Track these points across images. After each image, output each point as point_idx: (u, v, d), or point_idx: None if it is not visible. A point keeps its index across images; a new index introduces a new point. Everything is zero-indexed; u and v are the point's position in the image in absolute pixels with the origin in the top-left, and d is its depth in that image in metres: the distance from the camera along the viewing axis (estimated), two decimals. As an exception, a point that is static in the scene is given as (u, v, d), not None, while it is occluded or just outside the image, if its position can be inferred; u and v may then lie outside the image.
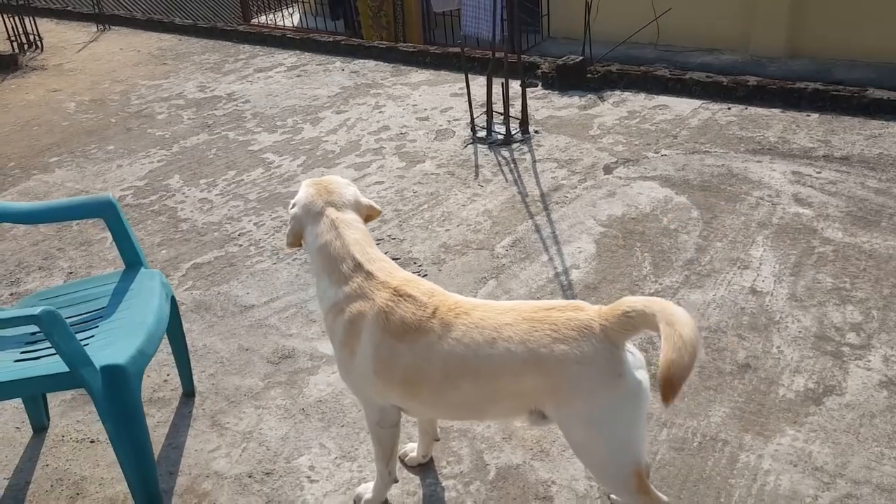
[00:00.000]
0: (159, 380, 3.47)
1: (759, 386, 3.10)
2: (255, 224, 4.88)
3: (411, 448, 2.93)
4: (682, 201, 4.56)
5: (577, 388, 2.09)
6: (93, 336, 2.74)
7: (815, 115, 5.62)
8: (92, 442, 3.14)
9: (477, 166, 5.33)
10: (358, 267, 2.37)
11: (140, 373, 2.61)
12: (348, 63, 8.03)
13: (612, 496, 2.62)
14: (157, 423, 3.21)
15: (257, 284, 4.19)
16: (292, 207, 2.57)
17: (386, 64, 7.89)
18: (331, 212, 2.47)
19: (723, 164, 4.96)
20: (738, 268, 3.88)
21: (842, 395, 3.01)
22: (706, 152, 5.17)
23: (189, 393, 3.37)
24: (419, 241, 4.44)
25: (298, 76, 7.76)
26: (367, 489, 2.73)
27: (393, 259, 4.02)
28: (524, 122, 5.72)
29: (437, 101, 6.70)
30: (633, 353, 2.13)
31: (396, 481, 2.73)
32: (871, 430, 2.83)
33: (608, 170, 5.07)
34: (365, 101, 6.89)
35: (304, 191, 2.57)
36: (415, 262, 4.23)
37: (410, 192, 5.05)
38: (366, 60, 8.04)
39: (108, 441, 2.61)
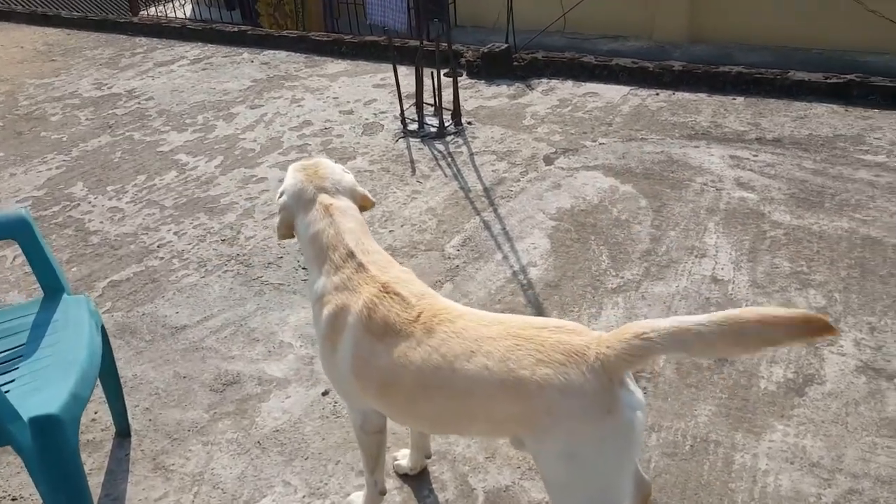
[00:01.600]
0: (86, 419, 3.06)
1: (739, 380, 3.01)
2: (175, 233, 4.45)
3: (403, 455, 2.72)
4: (628, 191, 4.46)
5: (558, 420, 1.83)
6: (14, 381, 2.33)
7: (741, 99, 5.67)
8: (14, 500, 2.72)
9: (412, 161, 5.07)
10: (349, 256, 2.18)
11: (76, 421, 2.24)
12: (257, 54, 7.57)
13: None
14: (90, 470, 2.82)
15: (187, 301, 3.80)
16: (280, 196, 2.35)
17: (298, 54, 7.49)
18: (323, 198, 2.28)
19: (662, 151, 4.91)
20: (696, 256, 3.80)
21: (822, 384, 2.95)
22: (643, 139, 5.11)
23: (123, 432, 2.99)
24: (362, 245, 4.14)
25: (204, 69, 7.25)
26: (357, 498, 2.55)
27: None
28: (457, 113, 5.50)
29: (358, 93, 6.39)
30: (632, 391, 1.86)
31: (384, 493, 2.47)
32: (858, 419, 2.78)
33: (549, 160, 4.93)
34: (281, 95, 6.49)
35: (293, 176, 2.35)
36: (360, 268, 3.94)
37: (344, 192, 4.73)
38: (276, 51, 7.61)
39: (39, 497, 2.23)
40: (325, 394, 3.11)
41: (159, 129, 5.96)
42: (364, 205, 2.43)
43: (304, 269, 3.99)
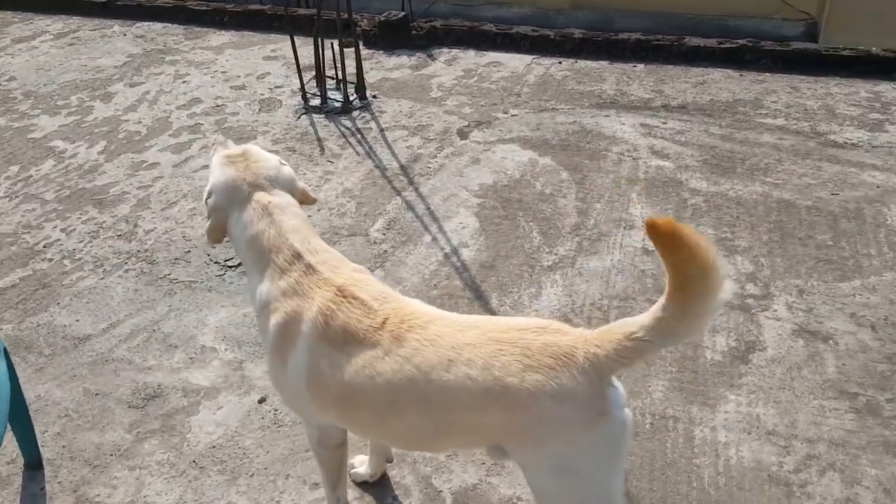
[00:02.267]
0: (-15, 453, 2.68)
1: (685, 352, 3.02)
2: (62, 230, 4.00)
3: (360, 461, 2.54)
4: (548, 163, 4.40)
5: (550, 429, 1.72)
6: None
7: (641, 66, 5.72)
8: None
9: (320, 139, 4.79)
10: (296, 258, 1.97)
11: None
12: (129, 26, 6.95)
13: None
14: (-1, 514, 2.47)
15: (87, 308, 3.42)
16: (208, 196, 2.11)
17: (176, 26, 6.93)
18: (260, 196, 2.07)
19: (574, 121, 4.87)
20: (624, 228, 3.79)
21: (764, 350, 3.01)
22: (555, 109, 5.06)
23: (34, 463, 2.64)
24: (279, 233, 3.87)
25: (71, 44, 6.58)
26: None
27: None
28: (361, 86, 5.24)
29: (249, 66, 5.98)
30: (616, 388, 1.76)
31: None
32: (803, 384, 2.85)
33: (463, 134, 4.79)
34: (162, 70, 5.98)
35: (221, 171, 2.10)
36: (280, 259, 3.67)
37: (250, 176, 4.40)
38: (150, 23, 7.00)
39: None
40: (261, 401, 2.87)
41: (27, 112, 5.35)
42: (304, 200, 2.21)
43: (216, 263, 3.68)
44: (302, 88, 5.19)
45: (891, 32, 5.56)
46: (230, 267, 3.64)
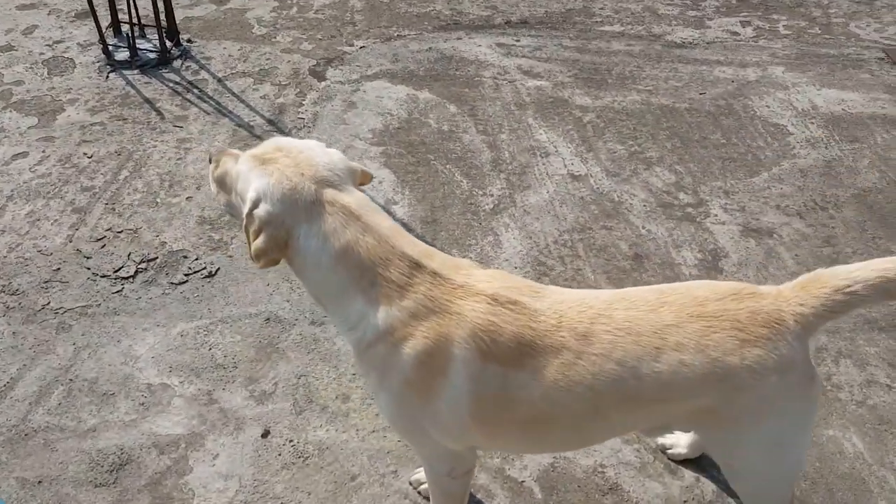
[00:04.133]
0: None
1: (662, 271, 3.04)
2: None
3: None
4: (429, 97, 4.09)
5: (771, 404, 1.61)
6: None
7: (459, -19, 5.50)
8: None
9: (150, 101, 3.97)
10: (415, 267, 1.59)
11: None
12: None
13: None
14: None
15: (-53, 371, 2.54)
16: (254, 207, 1.59)
17: None
18: (333, 195, 1.61)
19: (430, 48, 4.57)
20: (541, 156, 3.68)
21: (728, 256, 3.14)
22: (401, 37, 4.69)
23: None
24: (164, 224, 3.18)
25: None
26: None
27: (147, 261, 2.84)
28: (172, 29, 4.39)
29: (5, 19, 4.73)
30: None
31: None
32: (776, 280, 3.01)
33: (318, 75, 4.26)
34: None
35: (263, 174, 1.60)
36: (185, 258, 3.03)
37: (83, 161, 3.54)
38: None
39: None
40: (265, 435, 2.38)
41: None
42: (363, 181, 1.78)
43: (103, 276, 2.93)
44: (102, 40, 4.22)
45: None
46: (124, 278, 2.92)
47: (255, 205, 1.60)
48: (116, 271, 2.94)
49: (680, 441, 2.29)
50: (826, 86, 4.28)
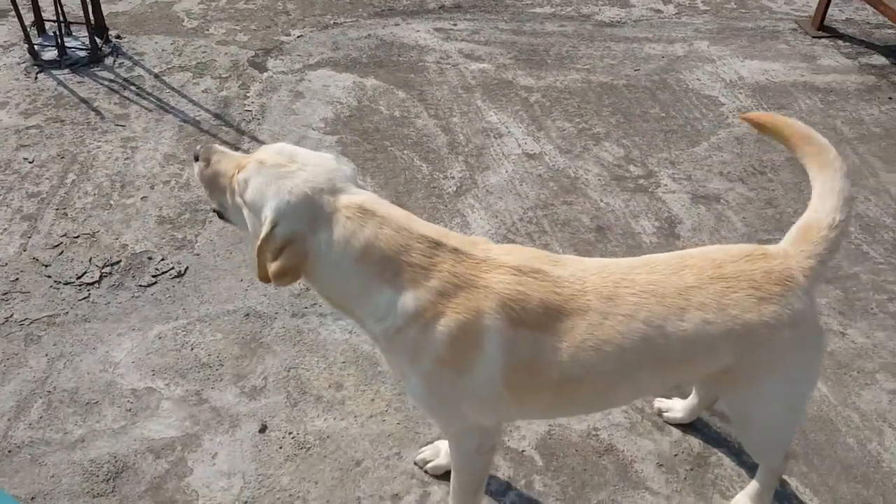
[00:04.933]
0: None
1: (626, 241, 3.17)
2: None
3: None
4: (376, 84, 4.09)
5: (783, 357, 1.73)
6: None
7: (387, -33, 5.49)
8: None
9: (86, 101, 3.82)
10: (437, 247, 1.63)
11: None
12: None
13: None
14: None
15: None
16: (273, 227, 1.58)
17: None
18: (346, 199, 1.63)
19: (369, 35, 4.56)
20: (494, 137, 3.75)
21: (682, 222, 3.30)
22: (337, 24, 4.66)
23: None
24: (122, 226, 3.09)
25: None
26: None
27: (111, 265, 2.77)
28: (101, 25, 4.22)
29: None
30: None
31: None
32: (729, 242, 3.18)
33: (259, 66, 4.19)
34: None
35: (279, 188, 1.60)
36: (150, 259, 2.95)
37: (25, 166, 3.39)
38: None
39: None
40: (263, 430, 2.37)
41: None
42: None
43: (67, 284, 2.82)
44: (28, 39, 4.01)
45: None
46: (89, 284, 2.82)
47: (276, 223, 1.59)
48: (80, 277, 2.84)
49: (675, 406, 2.41)
50: (749, 57, 4.51)
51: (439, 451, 2.26)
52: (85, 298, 2.77)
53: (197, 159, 1.82)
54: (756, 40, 4.70)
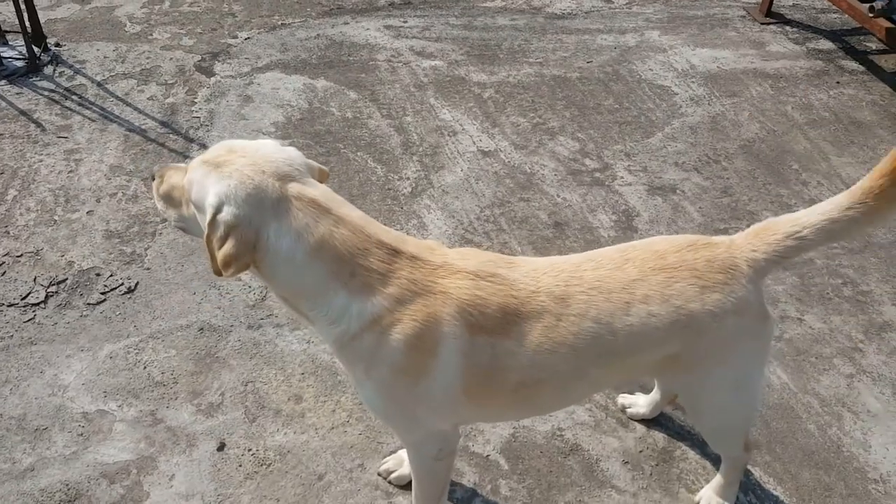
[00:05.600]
0: None
1: (583, 235, 3.17)
2: None
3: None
4: (327, 85, 4.02)
5: (730, 344, 1.74)
6: None
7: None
8: None
9: (25, 113, 3.69)
10: (393, 254, 1.60)
11: None
12: None
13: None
14: None
15: None
16: (216, 213, 1.53)
17: None
18: (298, 189, 1.57)
19: (318, 35, 4.48)
20: (449, 135, 3.71)
21: (640, 215, 3.30)
22: (285, 25, 4.57)
23: None
24: (67, 242, 2.98)
25: None
26: None
27: (57, 284, 2.69)
28: (38, 34, 4.08)
29: None
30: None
31: None
32: (684, 232, 3.20)
33: (206, 71, 4.09)
34: None
35: (220, 177, 1.55)
36: (98, 276, 2.86)
37: (-38, 181, 3.26)
38: None
39: None
40: (221, 448, 2.31)
41: None
42: (322, 179, 1.75)
43: (10, 306, 2.72)
44: (-40, 50, 3.86)
45: None
46: (34, 305, 2.72)
47: (218, 209, 1.53)
48: (24, 298, 2.74)
49: (638, 401, 2.41)
50: (699, 45, 4.54)
51: (402, 461, 2.22)
52: (30, 320, 2.67)
53: (153, 178, 1.77)
54: (706, 28, 4.73)
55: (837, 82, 4.22)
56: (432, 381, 1.62)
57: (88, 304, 2.74)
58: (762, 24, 4.79)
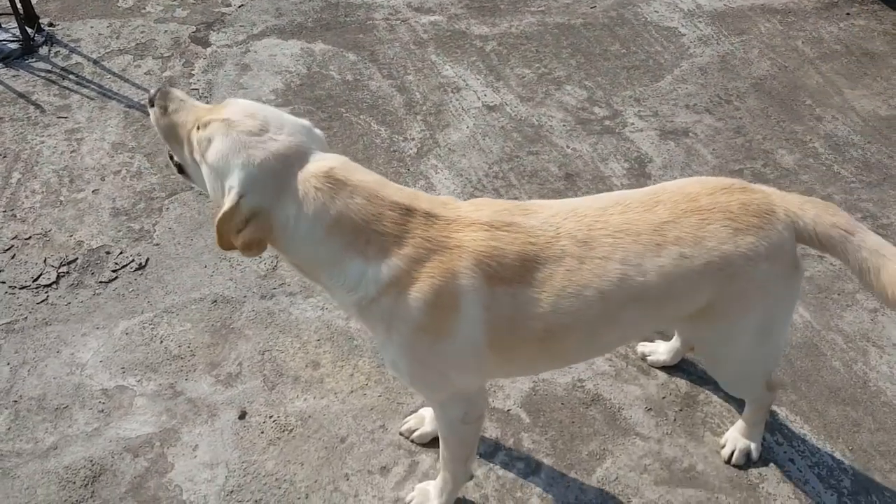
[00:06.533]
0: None
1: (595, 186, 3.11)
2: None
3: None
4: (326, 48, 3.95)
5: (762, 290, 1.69)
6: None
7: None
8: None
9: (24, 95, 3.64)
10: (408, 213, 1.57)
11: None
12: None
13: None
14: None
15: None
16: (239, 197, 1.52)
17: None
18: (317, 168, 1.56)
19: (313, -3, 4.39)
20: (452, 92, 3.64)
21: (653, 161, 3.23)
22: (280, -11, 4.48)
23: None
24: (75, 222, 2.96)
25: None
26: (432, 487, 2.03)
27: (67, 264, 2.67)
28: (30, 14, 4.02)
29: None
30: None
31: (472, 477, 2.06)
32: (703, 173, 3.13)
33: (202, 41, 4.02)
34: None
35: (250, 158, 1.53)
36: (108, 254, 2.84)
37: (-34, 167, 3.24)
38: None
39: None
40: (243, 416, 2.30)
41: None
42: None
43: (22, 288, 2.71)
44: (-47, 35, 3.81)
45: None
46: (46, 286, 2.72)
47: (242, 196, 1.52)
48: (35, 280, 2.73)
49: (658, 349, 2.38)
50: (705, -16, 4.41)
51: (424, 419, 2.21)
52: (43, 301, 2.66)
53: (152, 104, 1.71)
54: (710, -34, 4.58)
55: (847, 14, 4.09)
56: (455, 337, 1.59)
57: (100, 282, 2.73)
58: (769, -43, 4.64)
